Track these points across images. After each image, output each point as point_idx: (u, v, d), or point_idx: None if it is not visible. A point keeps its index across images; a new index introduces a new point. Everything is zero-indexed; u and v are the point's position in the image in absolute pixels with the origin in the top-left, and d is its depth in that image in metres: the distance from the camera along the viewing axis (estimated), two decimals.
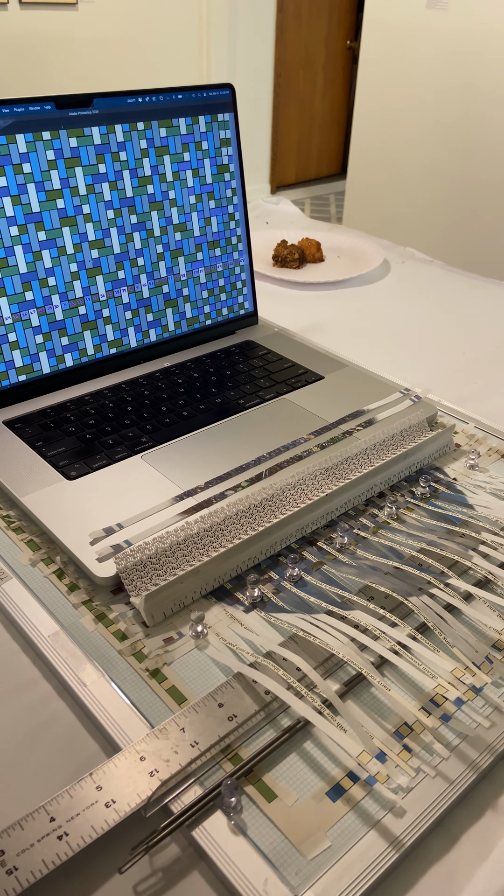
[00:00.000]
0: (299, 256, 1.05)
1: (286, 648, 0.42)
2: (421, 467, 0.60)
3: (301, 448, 0.59)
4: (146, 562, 0.46)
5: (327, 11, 4.00)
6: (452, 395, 0.72)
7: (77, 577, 0.48)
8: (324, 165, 4.50)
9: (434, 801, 0.35)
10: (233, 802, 0.34)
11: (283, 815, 0.35)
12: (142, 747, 0.36)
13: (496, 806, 0.37)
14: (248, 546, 0.49)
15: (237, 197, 0.74)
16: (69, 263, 0.63)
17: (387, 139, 2.59)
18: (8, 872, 0.31)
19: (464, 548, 0.50)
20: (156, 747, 0.36)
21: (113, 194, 0.65)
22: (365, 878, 0.32)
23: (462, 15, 2.24)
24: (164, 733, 0.36)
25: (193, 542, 0.48)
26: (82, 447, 0.57)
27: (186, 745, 0.36)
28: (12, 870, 0.31)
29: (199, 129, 0.69)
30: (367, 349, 0.82)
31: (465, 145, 2.37)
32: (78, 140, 0.62)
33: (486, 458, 0.62)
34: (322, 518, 0.53)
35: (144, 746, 0.36)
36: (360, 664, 0.40)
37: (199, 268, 0.73)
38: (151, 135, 0.66)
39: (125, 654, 0.42)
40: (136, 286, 0.68)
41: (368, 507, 0.56)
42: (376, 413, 0.64)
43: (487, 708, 0.40)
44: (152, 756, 0.36)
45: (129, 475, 0.55)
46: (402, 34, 2.41)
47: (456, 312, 0.94)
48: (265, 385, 0.68)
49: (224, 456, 0.58)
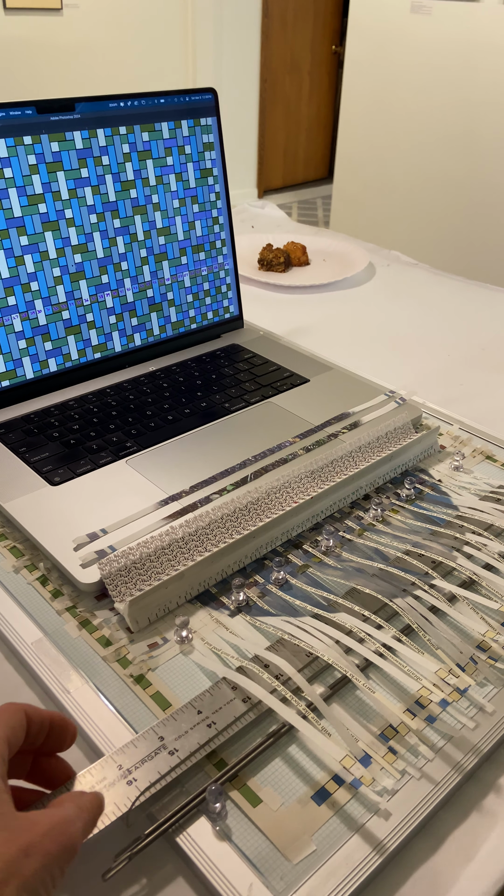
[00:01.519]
0: (285, 260, 1.05)
1: (271, 652, 0.42)
2: (406, 469, 0.60)
3: (286, 451, 0.59)
4: (130, 567, 0.46)
5: (312, 16, 4.02)
6: (437, 397, 0.72)
7: (61, 584, 0.47)
8: (311, 169, 4.51)
9: (419, 804, 0.35)
10: (217, 808, 0.34)
11: (267, 820, 0.35)
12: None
13: (481, 807, 0.37)
14: (233, 550, 0.49)
15: (221, 201, 0.74)
16: (52, 268, 0.63)
17: (373, 143, 2.60)
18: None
19: (448, 549, 0.50)
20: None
21: (96, 198, 0.64)
22: (350, 881, 0.32)
23: (446, 20, 2.26)
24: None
25: (178, 546, 0.48)
26: (66, 452, 0.57)
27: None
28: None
29: (181, 134, 0.69)
30: (353, 352, 0.82)
31: (450, 148, 2.39)
32: (60, 144, 0.61)
33: (470, 460, 0.62)
34: (308, 521, 0.53)
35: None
36: (344, 667, 0.40)
37: (184, 272, 0.73)
38: (134, 139, 0.66)
39: (109, 661, 0.42)
40: (120, 290, 0.68)
41: (354, 509, 0.56)
42: (361, 415, 0.64)
43: (472, 709, 0.40)
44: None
45: (113, 480, 0.55)
46: (386, 39, 2.43)
47: (441, 315, 0.94)
48: (250, 388, 0.68)
49: (209, 460, 0.57)
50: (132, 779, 0.34)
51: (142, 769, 0.35)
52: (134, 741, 0.36)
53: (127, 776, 0.34)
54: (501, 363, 0.82)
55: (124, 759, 0.35)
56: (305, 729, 0.37)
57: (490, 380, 0.78)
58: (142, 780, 0.34)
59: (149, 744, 0.36)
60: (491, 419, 0.68)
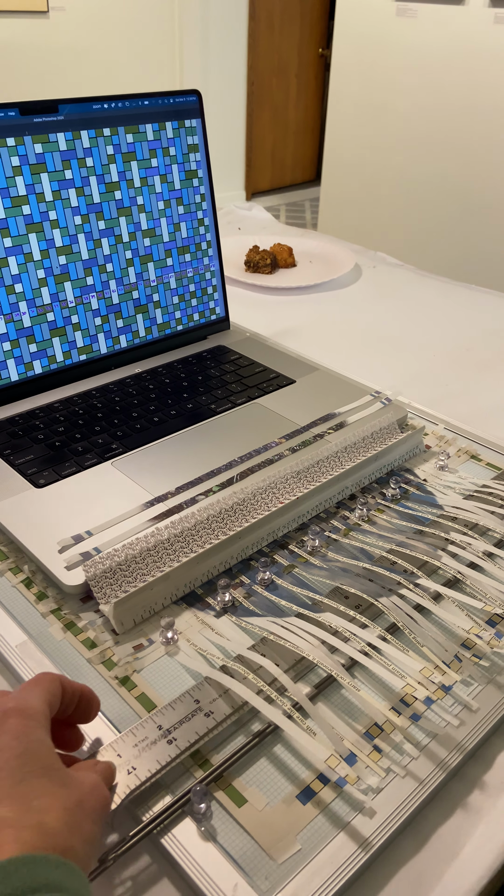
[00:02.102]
0: (271, 262, 1.05)
1: (256, 652, 0.42)
2: (392, 469, 0.60)
3: (272, 452, 0.59)
4: (115, 569, 0.46)
5: (299, 19, 4.03)
6: (423, 397, 0.72)
7: (46, 586, 0.47)
8: (298, 172, 4.52)
9: (404, 802, 0.35)
10: (202, 809, 0.34)
11: (253, 820, 0.35)
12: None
13: (466, 805, 0.37)
14: (219, 551, 0.49)
15: (206, 202, 0.74)
16: (36, 270, 0.63)
17: (360, 145, 2.61)
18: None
19: (433, 548, 0.50)
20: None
21: (80, 200, 0.64)
22: (335, 880, 0.32)
23: (430, 23, 2.27)
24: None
25: (164, 547, 0.48)
26: (51, 455, 0.57)
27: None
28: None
29: (166, 135, 0.69)
30: (339, 353, 0.82)
31: (437, 150, 2.40)
32: (43, 146, 0.61)
33: (455, 459, 0.62)
34: (293, 521, 0.53)
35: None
36: (330, 666, 0.40)
37: (170, 273, 0.73)
38: (118, 141, 0.66)
39: (94, 663, 0.42)
40: (105, 292, 0.68)
41: (340, 509, 0.56)
42: (347, 416, 0.64)
43: (457, 707, 0.40)
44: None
45: (98, 482, 0.55)
46: (372, 42, 2.44)
47: (426, 315, 0.95)
48: (236, 390, 0.68)
49: (195, 461, 0.57)
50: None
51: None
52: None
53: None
54: (486, 363, 0.82)
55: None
56: (290, 729, 0.37)
57: (475, 380, 0.79)
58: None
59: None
60: (475, 419, 0.69)
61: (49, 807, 0.28)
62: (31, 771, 0.29)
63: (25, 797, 0.28)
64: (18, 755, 0.29)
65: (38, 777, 0.29)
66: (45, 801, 0.28)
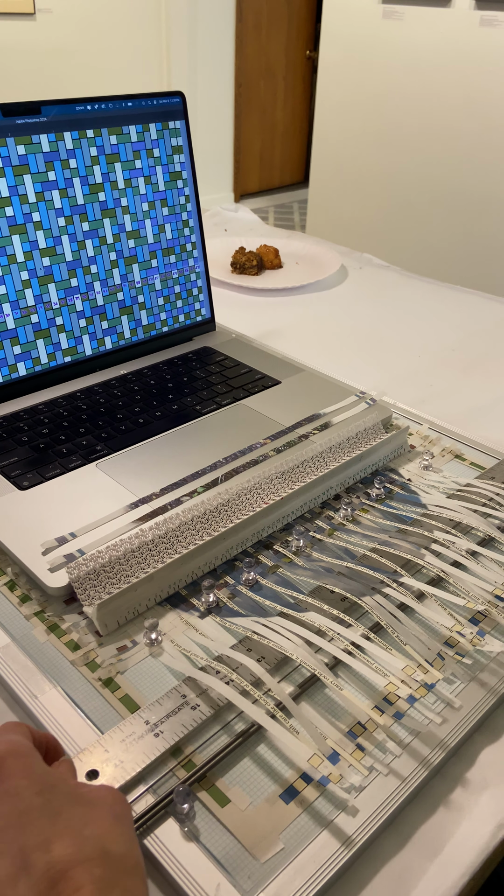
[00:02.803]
0: (257, 263, 1.05)
1: (240, 652, 0.42)
2: (376, 469, 0.61)
3: (257, 452, 0.59)
4: (99, 570, 0.46)
5: (286, 21, 4.04)
6: (407, 398, 0.73)
7: (29, 588, 0.47)
8: (287, 174, 4.53)
9: (386, 800, 0.36)
10: (185, 809, 0.34)
11: (236, 820, 0.35)
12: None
13: (448, 802, 0.37)
14: (203, 552, 0.49)
15: (191, 204, 0.74)
16: (20, 271, 0.62)
17: (347, 147, 2.62)
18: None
19: (417, 547, 0.50)
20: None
21: (63, 202, 0.64)
22: (317, 878, 0.32)
23: (417, 25, 2.29)
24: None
25: (148, 549, 0.48)
26: (35, 457, 0.57)
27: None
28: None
29: (150, 137, 0.69)
30: (324, 354, 0.82)
31: (423, 152, 2.41)
32: (26, 148, 0.61)
33: (439, 459, 0.63)
34: (278, 521, 0.53)
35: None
36: (313, 665, 0.40)
37: (154, 275, 0.73)
38: (102, 142, 0.66)
39: (78, 665, 0.42)
40: (89, 294, 0.68)
41: (324, 509, 0.56)
42: (332, 416, 0.64)
43: (439, 704, 0.40)
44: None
45: (83, 484, 0.54)
46: (359, 44, 2.45)
47: (411, 316, 0.95)
48: (222, 391, 0.68)
49: (180, 462, 0.57)
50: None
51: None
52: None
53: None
54: (471, 364, 0.83)
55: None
56: (273, 728, 0.37)
57: (459, 380, 0.79)
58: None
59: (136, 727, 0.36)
60: (460, 419, 0.69)
61: (101, 832, 0.27)
62: (61, 803, 0.28)
63: (73, 830, 0.26)
64: (38, 792, 0.28)
65: (71, 806, 0.28)
66: (93, 827, 0.27)
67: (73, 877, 0.25)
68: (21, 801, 0.27)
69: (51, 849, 0.26)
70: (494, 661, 0.43)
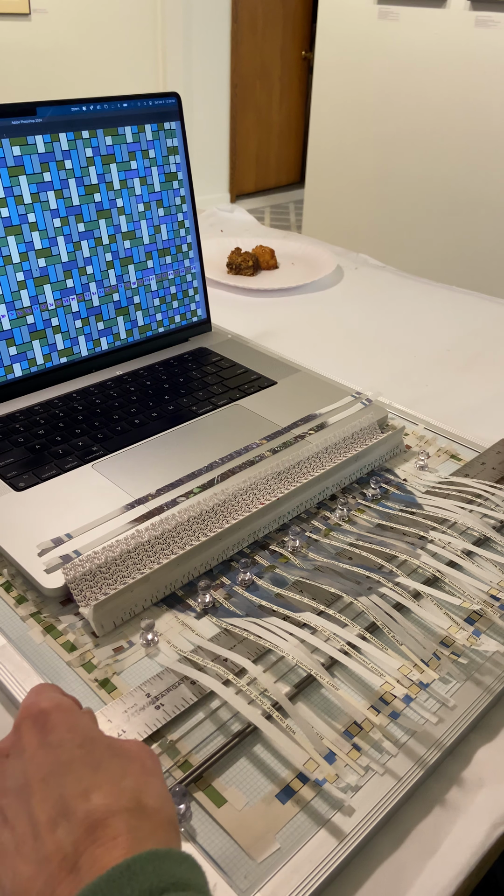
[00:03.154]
0: (253, 264, 1.05)
1: (236, 653, 0.42)
2: (372, 469, 0.61)
3: (253, 453, 0.59)
4: (95, 571, 0.46)
5: (282, 22, 4.04)
6: (403, 398, 0.73)
7: (25, 590, 0.47)
8: (283, 174, 4.53)
9: (382, 799, 0.36)
10: (182, 809, 0.34)
11: (232, 820, 0.35)
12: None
13: (444, 801, 0.37)
14: (199, 552, 0.49)
15: (186, 205, 0.74)
16: (15, 272, 0.62)
17: (343, 147, 2.62)
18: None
19: (413, 547, 0.51)
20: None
21: (59, 203, 0.64)
22: (314, 878, 0.33)
23: (412, 26, 2.29)
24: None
25: (144, 549, 0.48)
26: (31, 458, 0.57)
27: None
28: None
29: (145, 138, 0.69)
30: (320, 354, 0.83)
31: (419, 152, 2.42)
32: (21, 149, 0.61)
33: (435, 459, 0.63)
34: (274, 522, 0.53)
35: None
36: (309, 665, 0.40)
37: (150, 275, 0.73)
38: (97, 143, 0.66)
39: (74, 665, 0.42)
40: (85, 295, 0.68)
41: (320, 509, 0.56)
42: (328, 417, 0.64)
43: (435, 704, 0.40)
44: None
45: (79, 485, 0.54)
46: (355, 44, 2.45)
47: (407, 317, 0.96)
48: (218, 391, 0.68)
49: (176, 463, 0.57)
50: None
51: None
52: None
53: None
54: (466, 364, 0.83)
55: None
56: (269, 731, 0.37)
57: (455, 380, 0.79)
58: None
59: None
60: (455, 419, 0.69)
61: (138, 785, 0.28)
62: (100, 755, 0.29)
63: (112, 781, 0.28)
64: (80, 744, 0.29)
65: (111, 758, 0.29)
66: (130, 780, 0.28)
67: (111, 825, 0.26)
68: (64, 752, 0.29)
69: (90, 798, 0.27)
70: (490, 661, 0.43)
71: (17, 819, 0.27)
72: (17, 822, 0.27)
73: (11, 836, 0.27)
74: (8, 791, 0.29)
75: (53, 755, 0.29)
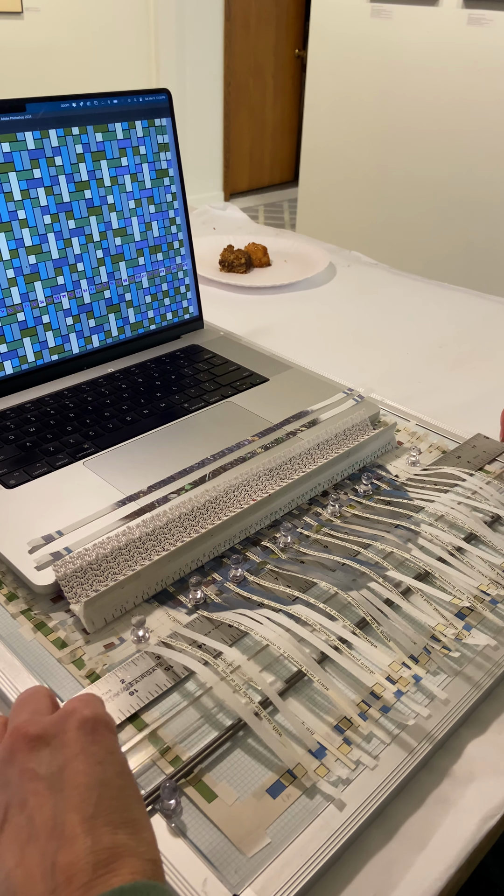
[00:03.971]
0: (246, 261, 1.05)
1: (225, 645, 0.42)
2: (364, 465, 0.61)
3: (245, 450, 0.59)
4: (86, 568, 0.46)
5: (275, 20, 4.04)
6: (395, 394, 0.73)
7: (16, 587, 0.47)
8: (276, 173, 4.53)
9: (373, 793, 0.36)
10: (172, 805, 0.34)
11: (222, 815, 0.35)
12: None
13: (435, 795, 0.37)
14: (190, 549, 0.49)
15: (178, 201, 0.74)
16: (6, 269, 0.62)
17: (337, 146, 2.62)
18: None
19: (403, 541, 0.51)
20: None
21: (49, 199, 0.64)
22: (304, 872, 0.33)
23: (405, 24, 2.29)
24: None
25: (135, 546, 0.48)
26: (22, 455, 0.57)
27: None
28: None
29: (136, 134, 0.69)
30: (313, 351, 0.83)
31: (412, 150, 2.42)
32: (11, 145, 0.61)
33: (427, 455, 0.63)
34: (266, 518, 0.53)
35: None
36: (300, 660, 0.40)
37: (142, 272, 0.73)
38: (87, 140, 0.66)
39: (65, 662, 0.42)
40: (76, 292, 0.68)
41: (312, 506, 0.56)
42: (320, 413, 0.64)
43: (426, 698, 0.41)
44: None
45: (70, 482, 0.54)
46: (348, 42, 2.45)
47: (399, 314, 0.96)
48: (210, 388, 0.68)
49: (168, 460, 0.57)
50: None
51: None
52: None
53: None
54: (458, 360, 0.83)
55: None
56: (259, 729, 0.37)
57: (447, 377, 0.79)
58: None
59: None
60: (447, 415, 0.69)
61: (153, 840, 0.28)
62: (132, 795, 0.29)
63: (137, 826, 0.28)
64: (119, 773, 0.29)
65: (138, 802, 0.29)
66: (149, 833, 0.28)
67: (129, 864, 0.26)
68: (105, 772, 0.28)
69: (117, 833, 0.27)
70: (480, 655, 0.43)
71: (39, 809, 0.27)
72: (38, 812, 0.27)
73: (28, 824, 0.27)
74: (39, 777, 0.28)
75: (95, 770, 0.28)
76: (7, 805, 0.28)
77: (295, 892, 0.32)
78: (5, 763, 0.29)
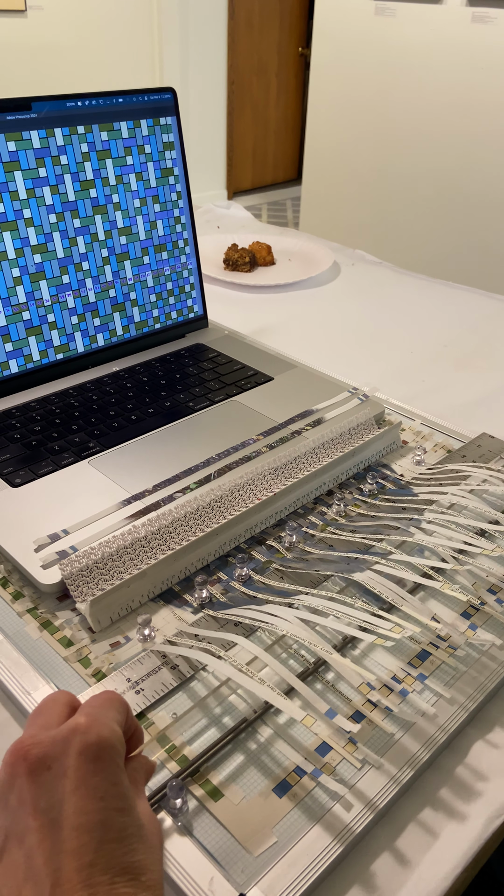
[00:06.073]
0: (250, 260, 1.05)
1: (242, 637, 0.42)
2: (369, 465, 0.61)
3: (250, 449, 0.59)
4: (92, 567, 0.46)
5: (278, 18, 4.03)
6: (400, 393, 0.73)
7: (22, 586, 0.47)
8: (280, 171, 4.53)
9: (379, 793, 0.36)
10: (178, 804, 0.34)
11: (229, 814, 0.35)
12: None
13: (441, 794, 0.37)
14: (196, 548, 0.49)
15: (183, 200, 0.74)
16: (11, 268, 0.62)
17: (341, 144, 2.62)
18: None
19: (409, 537, 0.51)
20: None
21: (55, 198, 0.64)
22: (311, 871, 0.33)
23: (409, 22, 2.29)
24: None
25: (141, 545, 0.48)
26: (28, 454, 0.57)
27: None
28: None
29: (141, 133, 0.69)
30: (317, 350, 0.82)
31: (416, 148, 2.41)
32: (17, 144, 0.61)
33: (432, 454, 0.63)
34: (271, 517, 0.53)
35: None
36: (315, 642, 0.40)
37: (146, 271, 0.73)
38: (93, 138, 0.66)
39: (71, 661, 0.42)
40: (81, 291, 0.68)
41: (317, 505, 0.56)
42: (325, 412, 0.64)
43: (432, 697, 0.41)
44: None
45: (75, 481, 0.54)
46: (351, 40, 2.45)
47: (404, 313, 0.96)
48: (215, 387, 0.68)
49: (173, 459, 0.57)
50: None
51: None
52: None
53: None
54: (463, 359, 0.83)
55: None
56: (289, 709, 0.37)
57: (451, 376, 0.79)
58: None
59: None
60: (452, 414, 0.69)
61: (156, 881, 0.27)
62: (133, 833, 0.28)
63: (138, 870, 0.27)
64: (121, 809, 0.28)
65: (137, 841, 0.28)
66: (150, 875, 0.27)
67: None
68: (105, 807, 0.27)
69: (115, 882, 0.26)
70: (486, 655, 0.43)
71: (37, 848, 0.26)
72: (37, 852, 0.26)
73: (26, 862, 0.26)
74: (38, 811, 0.27)
75: (96, 808, 0.27)
76: (7, 833, 0.28)
77: (302, 890, 0.32)
78: (6, 785, 0.29)
